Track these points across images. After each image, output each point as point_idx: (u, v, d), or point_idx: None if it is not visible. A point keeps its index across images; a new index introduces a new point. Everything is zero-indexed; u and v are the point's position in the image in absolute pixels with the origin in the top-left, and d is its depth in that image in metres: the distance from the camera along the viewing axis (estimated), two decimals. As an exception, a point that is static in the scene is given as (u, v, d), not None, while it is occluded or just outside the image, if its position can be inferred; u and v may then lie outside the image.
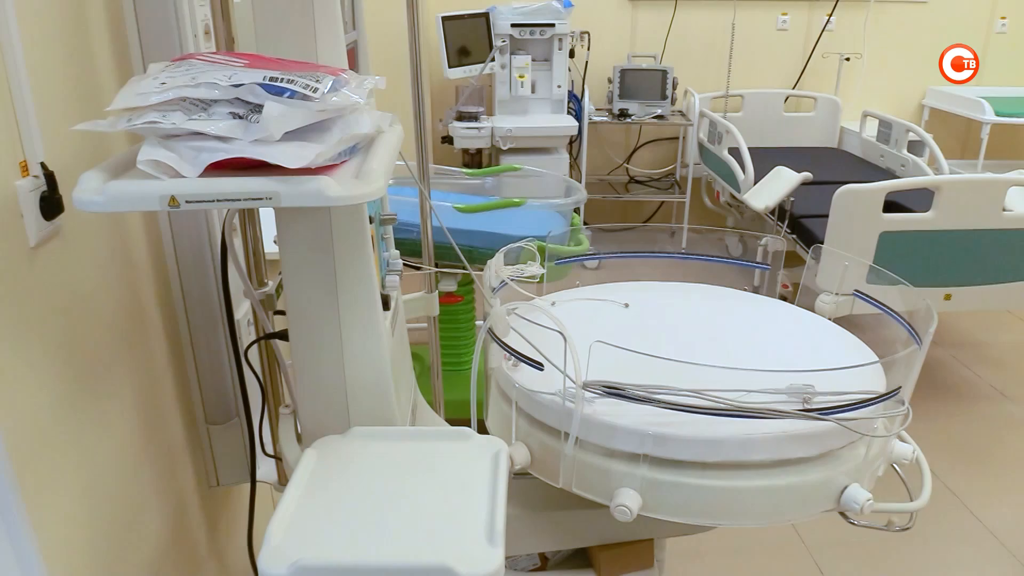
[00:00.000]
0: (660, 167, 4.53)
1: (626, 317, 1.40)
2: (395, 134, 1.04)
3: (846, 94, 4.38)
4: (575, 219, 2.36)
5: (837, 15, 4.30)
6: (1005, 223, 2.60)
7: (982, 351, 3.24)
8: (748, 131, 3.69)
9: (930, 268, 2.66)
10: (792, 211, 3.13)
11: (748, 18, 4.24)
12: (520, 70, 3.83)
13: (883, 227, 2.56)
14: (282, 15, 1.06)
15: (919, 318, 1.22)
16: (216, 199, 0.82)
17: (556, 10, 3.79)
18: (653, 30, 4.28)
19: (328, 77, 0.87)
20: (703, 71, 4.30)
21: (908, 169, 3.57)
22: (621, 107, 4.05)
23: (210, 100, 0.84)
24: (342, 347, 1.15)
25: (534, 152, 3.76)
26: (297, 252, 1.11)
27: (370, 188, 0.85)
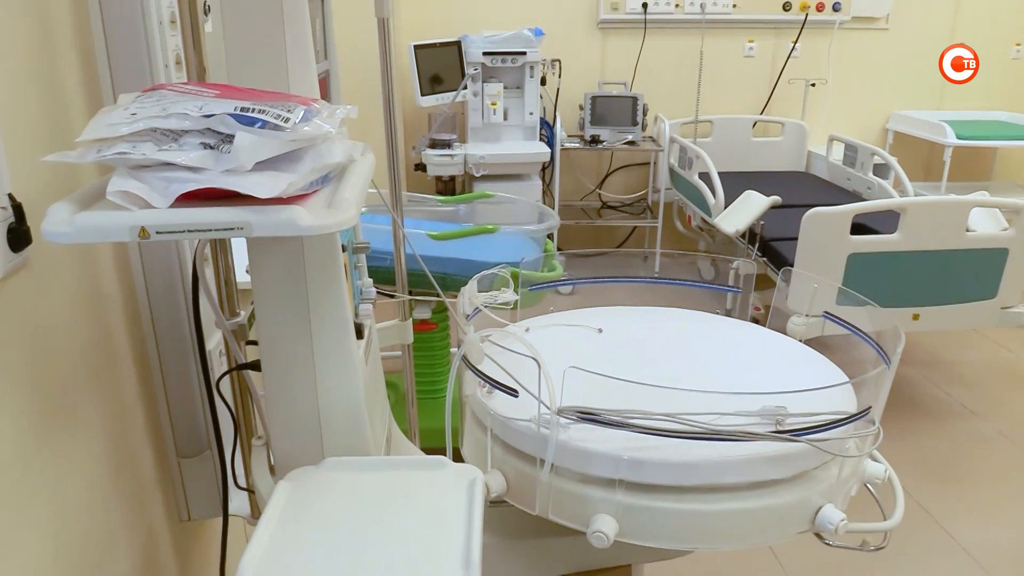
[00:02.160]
0: (632, 192, 4.58)
1: (600, 342, 1.40)
2: (367, 163, 1.04)
3: (812, 119, 4.46)
4: (548, 245, 2.37)
5: (802, 42, 4.39)
6: (969, 243, 2.65)
7: (951, 369, 3.29)
8: (718, 156, 3.75)
9: (898, 288, 2.70)
10: (762, 234, 3.17)
11: (716, 45, 4.32)
12: (492, 98, 3.86)
13: (851, 249, 2.60)
14: (254, 45, 1.06)
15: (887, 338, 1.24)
16: (187, 229, 0.82)
17: (527, 39, 3.84)
18: (623, 58, 4.34)
19: (300, 107, 0.88)
20: (673, 97, 4.37)
21: (874, 192, 3.64)
22: (593, 133, 4.09)
23: (181, 131, 0.84)
24: (315, 377, 1.14)
25: (507, 179, 3.78)
26: (269, 281, 1.10)
27: (342, 217, 0.85)
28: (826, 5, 4.32)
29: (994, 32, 4.59)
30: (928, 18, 4.52)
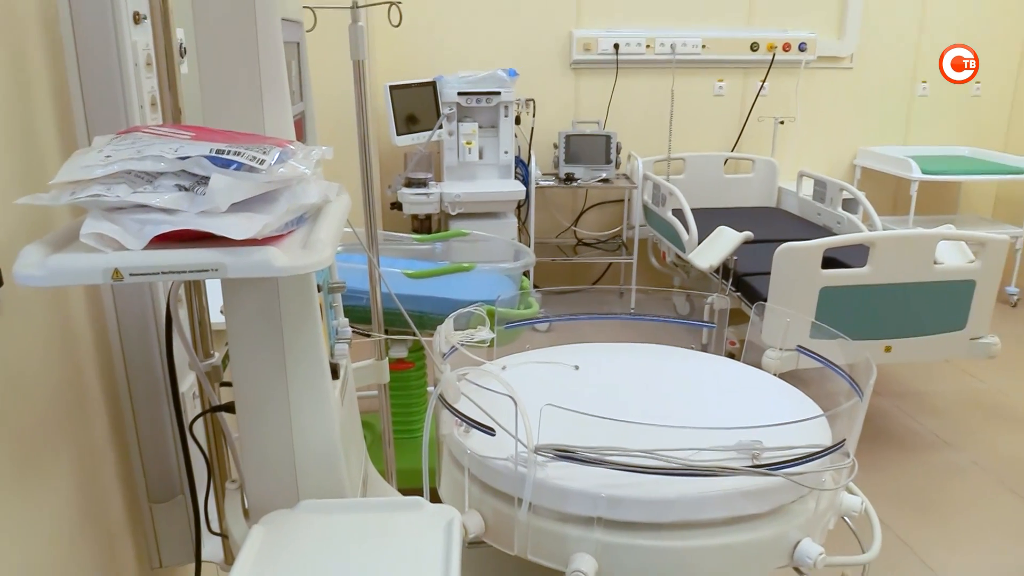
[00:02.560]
0: (607, 229, 4.62)
1: (577, 379, 1.41)
2: (342, 203, 1.05)
3: (782, 155, 4.54)
4: (524, 282, 2.38)
5: (770, 81, 4.50)
6: (937, 276, 2.70)
7: (924, 400, 3.33)
8: (690, 193, 3.80)
9: (870, 321, 2.74)
10: (736, 269, 3.21)
11: (686, 85, 4.40)
12: (467, 137, 3.90)
13: (823, 283, 2.63)
14: (229, 87, 1.07)
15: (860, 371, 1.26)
16: (161, 271, 0.82)
17: (501, 79, 3.89)
18: (596, 97, 4.41)
19: (275, 149, 0.88)
20: (645, 136, 4.43)
21: (844, 226, 3.70)
22: (567, 171, 4.13)
23: (156, 173, 0.84)
24: (290, 418, 1.13)
25: (483, 217, 3.80)
26: (244, 322, 1.10)
27: (317, 258, 0.86)
28: (792, 45, 4.43)
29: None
30: (891, 57, 4.65)
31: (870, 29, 4.54)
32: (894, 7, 4.55)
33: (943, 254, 2.81)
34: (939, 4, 4.59)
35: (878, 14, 4.53)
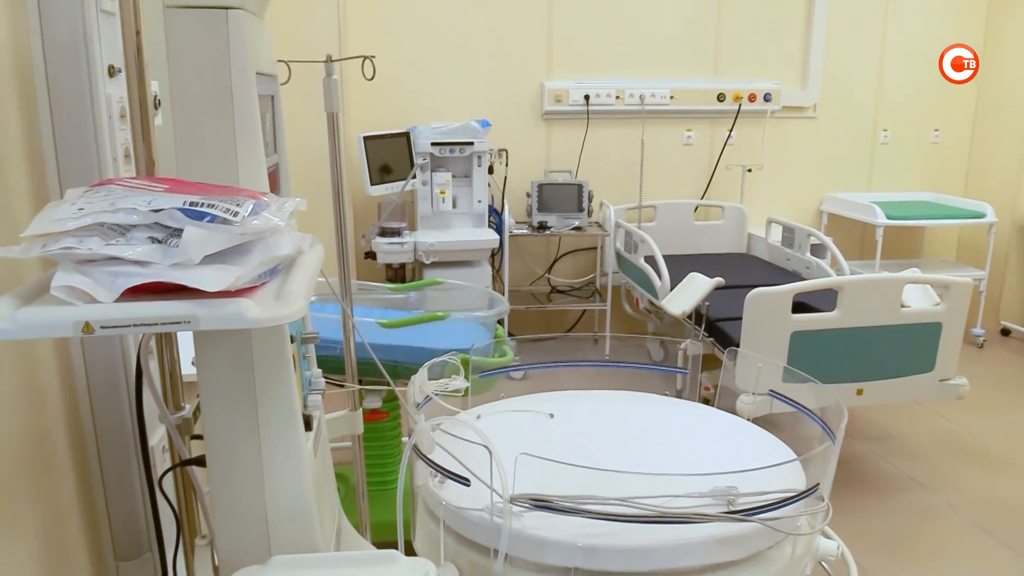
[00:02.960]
0: (580, 276, 4.65)
1: (552, 427, 1.40)
2: (316, 254, 1.05)
3: (750, 202, 4.63)
4: (499, 331, 2.38)
5: (737, 130, 4.60)
6: (904, 319, 2.74)
7: (897, 443, 3.35)
8: (662, 240, 3.85)
9: (841, 365, 2.77)
10: (708, 315, 3.24)
11: (656, 134, 4.49)
12: (441, 186, 3.93)
13: (793, 327, 2.67)
14: (204, 139, 1.08)
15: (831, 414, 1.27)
16: (132, 324, 0.81)
17: (475, 129, 3.94)
18: (567, 146, 4.48)
19: (249, 201, 0.89)
20: (616, 184, 4.50)
21: (812, 271, 3.76)
22: (540, 220, 4.18)
23: (129, 225, 0.84)
24: (262, 471, 1.11)
25: (457, 265, 3.82)
26: (216, 374, 1.09)
27: (290, 309, 0.86)
28: (757, 96, 4.55)
29: (914, 119, 4.88)
30: (853, 107, 4.79)
31: (831, 80, 4.69)
32: (853, 59, 4.71)
33: (909, 297, 2.86)
34: (896, 57, 4.76)
35: (838, 66, 4.68)
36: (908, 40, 4.74)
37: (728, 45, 4.54)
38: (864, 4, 4.65)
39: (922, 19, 4.73)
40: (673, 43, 4.47)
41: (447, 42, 4.24)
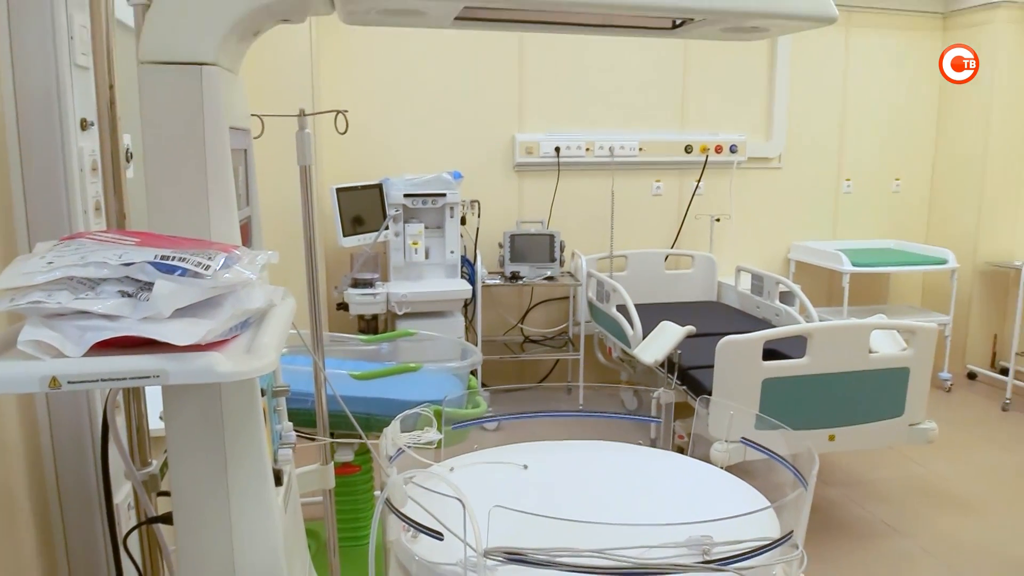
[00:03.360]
0: (553, 326, 4.67)
1: (526, 478, 1.40)
2: (287, 307, 1.05)
3: (720, 251, 4.70)
4: (472, 381, 2.38)
5: (705, 181, 4.69)
6: (872, 364, 2.78)
7: (870, 488, 3.36)
8: (633, 289, 3.88)
9: (812, 411, 2.79)
10: (680, 363, 3.25)
11: (625, 185, 4.57)
12: (414, 237, 3.95)
13: (764, 374, 2.69)
14: (176, 193, 1.08)
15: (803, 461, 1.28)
16: (100, 379, 0.80)
17: (447, 181, 3.98)
18: (539, 197, 4.54)
19: (221, 254, 0.89)
20: (588, 234, 4.55)
21: (782, 318, 3.81)
22: (513, 270, 4.20)
23: (99, 279, 0.84)
24: (231, 529, 1.09)
25: (430, 316, 3.81)
26: (184, 428, 1.07)
27: (262, 363, 0.85)
28: (724, 147, 4.66)
29: (876, 169, 5.02)
30: (816, 157, 4.92)
31: (795, 132, 4.82)
32: (815, 112, 4.85)
33: (877, 343, 2.91)
34: (856, 109, 4.91)
35: (801, 118, 4.81)
36: (867, 93, 4.90)
37: (694, 98, 4.66)
38: (824, 59, 4.81)
39: (880, 73, 4.90)
40: (641, 96, 4.58)
41: (419, 95, 4.30)
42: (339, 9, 1.16)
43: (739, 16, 1.22)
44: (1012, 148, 4.73)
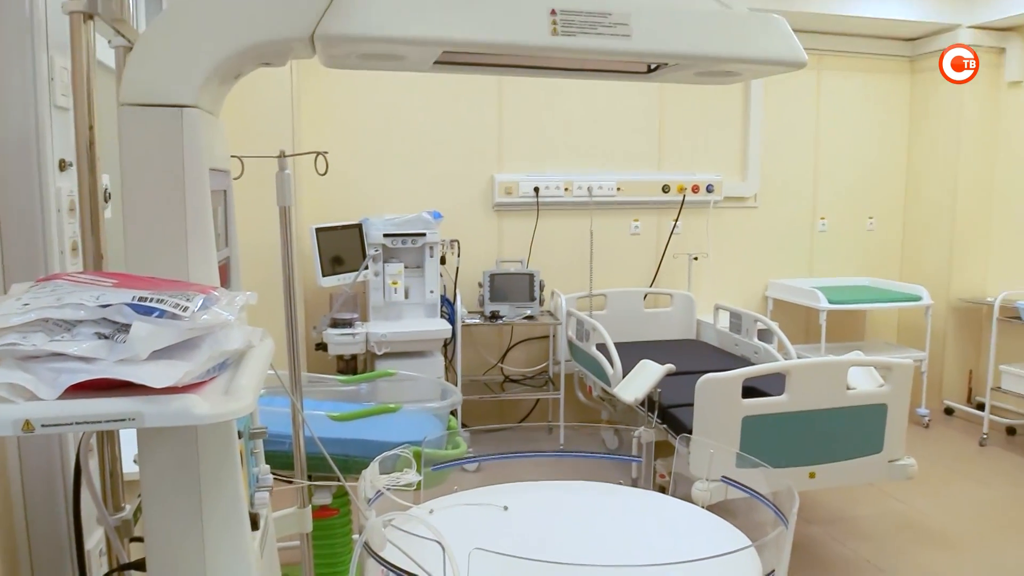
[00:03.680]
0: (533, 365, 4.66)
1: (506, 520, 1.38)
2: (265, 348, 1.04)
3: (698, 289, 4.74)
4: (452, 422, 2.36)
5: (683, 220, 4.75)
6: (850, 401, 2.80)
7: (852, 525, 3.36)
8: (613, 327, 3.90)
9: (792, 448, 2.80)
10: (660, 402, 3.26)
11: (604, 224, 4.61)
12: (393, 277, 3.95)
13: (744, 412, 2.70)
14: (155, 233, 1.08)
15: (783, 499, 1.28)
16: (75, 422, 0.79)
17: (427, 221, 4.00)
18: (518, 237, 4.56)
19: (199, 295, 0.89)
20: (567, 273, 4.57)
21: (761, 356, 3.83)
22: (492, 309, 4.20)
23: (75, 320, 0.83)
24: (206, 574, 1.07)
25: (409, 356, 3.80)
26: (159, 472, 1.05)
27: (239, 405, 0.85)
28: (700, 187, 4.72)
29: (850, 208, 5.11)
30: (791, 196, 5.00)
31: (770, 172, 4.90)
32: (789, 152, 4.94)
33: (855, 380, 2.93)
34: (828, 149, 5.01)
35: (776, 158, 4.90)
36: (839, 133, 5.01)
37: (671, 139, 4.74)
38: (797, 101, 4.92)
39: (851, 114, 5.02)
40: (619, 137, 4.65)
41: (400, 136, 4.34)
42: (320, 53, 1.17)
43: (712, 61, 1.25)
44: (981, 187, 4.84)
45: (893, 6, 4.51)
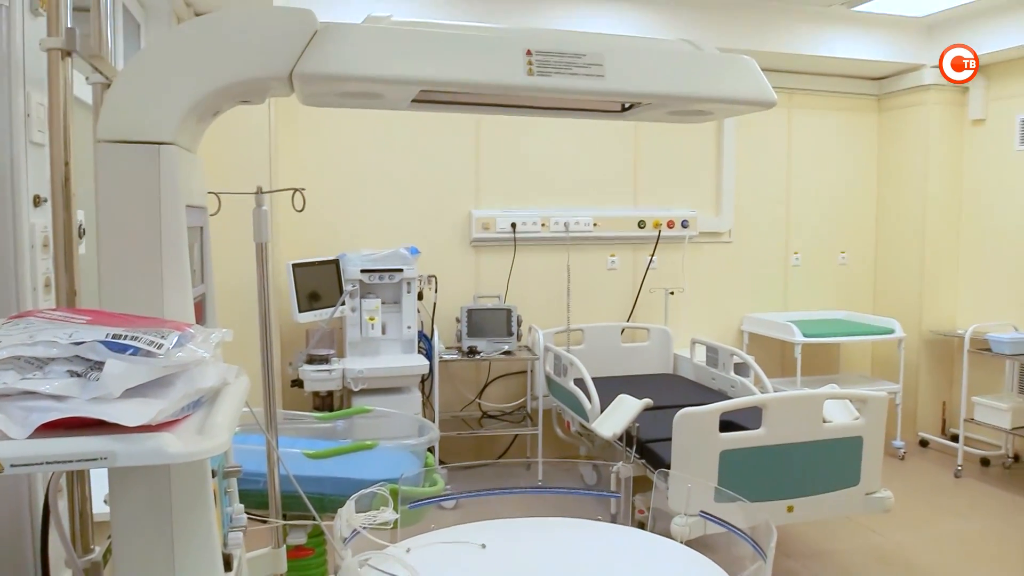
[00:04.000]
0: (511, 401, 4.65)
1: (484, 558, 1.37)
2: (241, 386, 1.04)
3: (675, 324, 4.77)
4: (429, 459, 2.34)
5: (658, 255, 4.79)
6: (826, 434, 2.82)
7: (831, 559, 3.36)
8: (590, 362, 3.90)
9: (770, 482, 2.80)
10: (639, 436, 3.25)
11: (581, 259, 4.64)
12: (370, 312, 3.94)
13: (722, 446, 2.70)
14: (130, 270, 1.07)
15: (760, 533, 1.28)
16: (45, 461, 0.78)
17: (404, 256, 4.00)
18: (496, 272, 4.58)
19: (174, 332, 0.88)
20: (545, 308, 4.59)
21: (738, 389, 3.85)
22: (470, 345, 4.19)
23: (48, 358, 0.82)
24: (178, 617, 1.05)
25: (386, 392, 3.77)
26: (131, 512, 1.04)
27: (214, 443, 0.84)
28: (676, 222, 4.78)
29: (822, 243, 5.19)
30: (764, 232, 5.07)
31: (743, 207, 4.97)
32: (762, 188, 5.03)
33: (830, 412, 2.95)
34: (800, 185, 5.10)
35: (749, 194, 4.98)
36: (810, 169, 5.11)
37: (646, 175, 4.80)
38: (769, 138, 5.01)
39: (822, 150, 5.12)
40: (595, 173, 4.70)
41: (377, 172, 4.36)
42: (298, 92, 1.18)
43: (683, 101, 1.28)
44: (948, 222, 4.94)
45: (860, 47, 4.63)
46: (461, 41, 1.16)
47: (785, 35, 4.45)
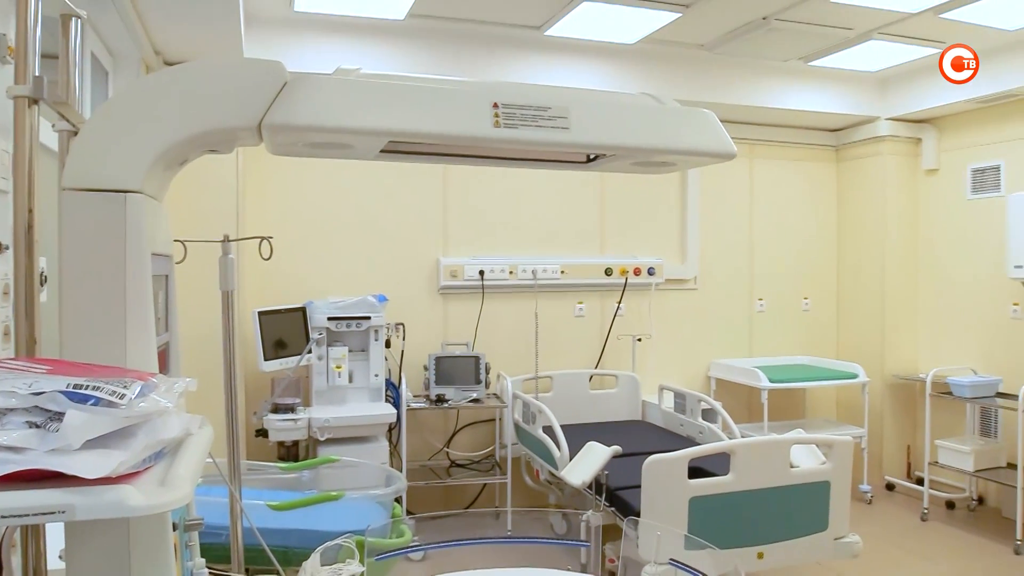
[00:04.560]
0: (480, 449, 4.61)
1: (453, 609, 1.35)
2: (204, 436, 1.02)
3: (642, 370, 4.79)
4: (396, 509, 2.31)
5: (625, 302, 4.83)
6: (794, 479, 2.83)
7: (801, 609, 3.35)
8: (559, 409, 3.89)
9: (739, 528, 2.80)
10: (608, 484, 3.24)
11: (549, 307, 4.66)
12: (337, 360, 3.90)
13: (691, 493, 2.70)
14: (92, 319, 1.06)
15: (730, 581, 1.28)
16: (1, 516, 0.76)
17: (372, 304, 3.99)
18: (464, 320, 4.57)
19: (137, 382, 0.87)
20: (513, 356, 4.58)
21: (706, 435, 3.86)
22: (438, 393, 4.16)
23: (5, 409, 0.81)
24: None
25: (353, 441, 3.72)
26: (87, 568, 1.01)
27: (176, 495, 0.82)
28: (642, 270, 4.83)
29: (785, 289, 5.28)
30: (729, 279, 5.15)
31: (708, 255, 5.06)
32: (726, 236, 5.12)
33: (797, 457, 2.97)
34: (764, 233, 5.21)
35: (714, 241, 5.07)
36: (772, 218, 5.22)
37: (612, 223, 4.86)
38: (732, 188, 5.12)
39: (783, 199, 5.24)
40: (562, 221, 4.75)
41: (345, 220, 4.36)
42: (267, 142, 1.19)
43: (646, 152, 1.31)
44: (906, 268, 5.06)
45: (817, 99, 4.78)
46: (429, 94, 1.18)
47: (745, 88, 4.58)
